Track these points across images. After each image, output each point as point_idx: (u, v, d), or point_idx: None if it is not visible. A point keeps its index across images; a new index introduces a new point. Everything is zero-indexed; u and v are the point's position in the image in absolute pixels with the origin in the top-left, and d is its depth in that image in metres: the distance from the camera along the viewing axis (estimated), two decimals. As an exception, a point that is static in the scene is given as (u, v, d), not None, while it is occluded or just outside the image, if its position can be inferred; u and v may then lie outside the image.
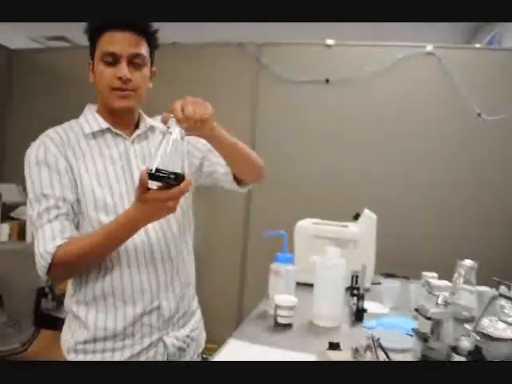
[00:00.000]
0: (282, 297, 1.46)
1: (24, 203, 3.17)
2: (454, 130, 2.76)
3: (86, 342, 1.19)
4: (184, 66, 3.10)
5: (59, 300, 2.68)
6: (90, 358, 1.18)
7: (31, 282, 2.52)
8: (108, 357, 1.18)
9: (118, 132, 1.24)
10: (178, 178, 0.96)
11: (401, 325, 1.49)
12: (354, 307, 1.56)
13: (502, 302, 1.32)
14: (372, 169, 2.85)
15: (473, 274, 1.44)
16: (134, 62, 1.19)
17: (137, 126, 1.28)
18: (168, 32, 2.04)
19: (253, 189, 2.07)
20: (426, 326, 1.23)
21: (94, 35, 1.20)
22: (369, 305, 1.62)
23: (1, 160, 3.48)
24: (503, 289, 1.55)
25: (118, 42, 1.17)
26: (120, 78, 1.17)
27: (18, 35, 4.10)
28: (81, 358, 1.19)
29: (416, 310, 1.28)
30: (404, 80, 2.83)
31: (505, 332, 1.19)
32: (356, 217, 2.03)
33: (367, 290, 1.86)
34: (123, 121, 1.26)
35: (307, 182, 2.94)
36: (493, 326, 1.22)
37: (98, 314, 1.19)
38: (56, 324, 2.70)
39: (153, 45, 1.25)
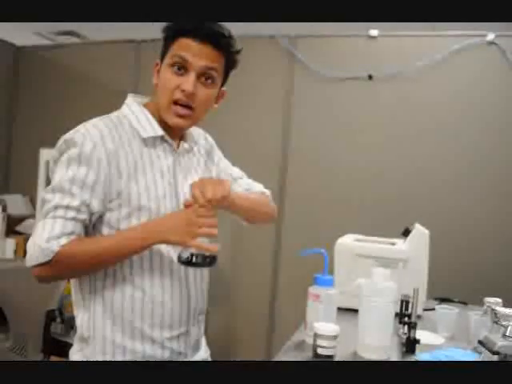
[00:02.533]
0: (323, 325, 1.45)
1: (31, 216, 3.26)
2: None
3: None
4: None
5: (69, 324, 2.72)
6: None
7: (39, 303, 2.58)
8: None
9: (170, 142, 1.32)
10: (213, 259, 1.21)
11: (459, 359, 1.46)
12: (405, 337, 1.54)
13: None
14: (423, 177, 2.82)
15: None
16: (205, 77, 1.25)
17: (181, 137, 1.37)
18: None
19: (285, 201, 2.08)
20: (490, 361, 1.22)
21: (169, 36, 1.26)
22: (421, 334, 1.59)
23: (6, 169, 3.59)
24: None
25: (194, 51, 1.23)
26: (183, 91, 1.23)
27: (23, 30, 4.24)
28: None
29: (480, 342, 1.26)
30: (460, 75, 2.81)
31: None
32: (405, 233, 2.01)
33: (419, 317, 1.84)
34: (174, 131, 1.32)
35: (348, 193, 2.94)
36: None
37: (123, 336, 1.26)
38: (65, 350, 2.75)
39: (230, 64, 1.32)
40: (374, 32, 2.92)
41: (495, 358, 1.21)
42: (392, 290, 1.49)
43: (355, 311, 1.54)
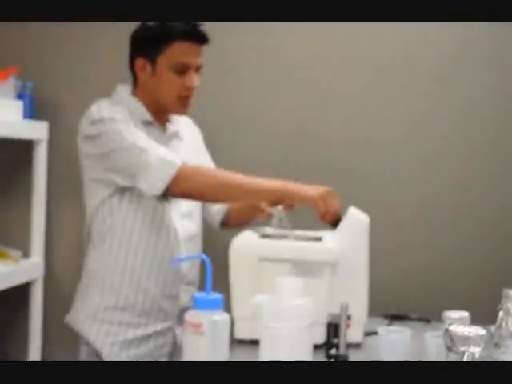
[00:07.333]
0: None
1: None
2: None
3: (105, 309, 1.56)
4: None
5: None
6: (105, 328, 1.55)
7: None
8: (122, 331, 1.56)
9: (160, 128, 1.64)
10: None
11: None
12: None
13: None
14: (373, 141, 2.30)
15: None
16: (197, 70, 1.58)
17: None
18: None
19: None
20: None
21: (163, 40, 1.51)
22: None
23: None
24: None
25: (192, 53, 1.53)
26: (189, 89, 1.55)
27: None
28: (95, 326, 1.55)
29: None
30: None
31: None
32: (335, 222, 1.57)
33: (357, 345, 1.54)
34: (163, 117, 1.64)
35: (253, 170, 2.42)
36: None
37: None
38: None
39: None
40: None
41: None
42: (306, 310, 1.23)
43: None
